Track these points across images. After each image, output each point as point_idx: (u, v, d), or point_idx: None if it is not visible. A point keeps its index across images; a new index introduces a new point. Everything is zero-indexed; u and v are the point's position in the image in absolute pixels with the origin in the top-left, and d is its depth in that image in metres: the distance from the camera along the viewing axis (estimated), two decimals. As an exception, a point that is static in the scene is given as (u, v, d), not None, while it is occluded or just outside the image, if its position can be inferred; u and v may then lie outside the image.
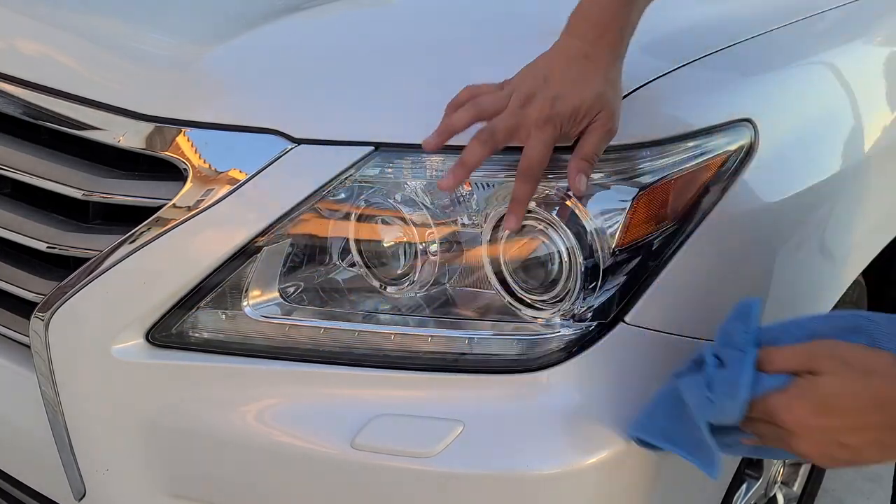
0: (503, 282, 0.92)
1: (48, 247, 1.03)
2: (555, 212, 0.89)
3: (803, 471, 1.66)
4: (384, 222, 0.94)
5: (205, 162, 0.95)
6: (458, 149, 0.86)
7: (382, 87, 0.98)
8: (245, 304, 0.96)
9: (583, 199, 0.90)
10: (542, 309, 0.91)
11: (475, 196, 0.92)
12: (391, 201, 0.93)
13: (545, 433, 0.91)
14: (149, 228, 0.95)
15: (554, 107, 0.84)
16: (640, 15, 0.92)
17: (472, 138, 0.86)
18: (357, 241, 0.94)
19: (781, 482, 1.60)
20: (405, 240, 0.93)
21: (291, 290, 0.97)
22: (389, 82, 0.99)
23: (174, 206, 0.95)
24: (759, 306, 0.80)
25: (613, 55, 0.89)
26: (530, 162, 0.85)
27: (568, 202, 0.89)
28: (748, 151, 0.98)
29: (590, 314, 0.91)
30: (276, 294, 0.97)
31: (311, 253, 0.96)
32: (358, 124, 0.95)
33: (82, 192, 1.01)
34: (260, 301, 0.96)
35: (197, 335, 0.97)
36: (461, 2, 1.22)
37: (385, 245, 0.94)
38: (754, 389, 0.75)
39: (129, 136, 0.99)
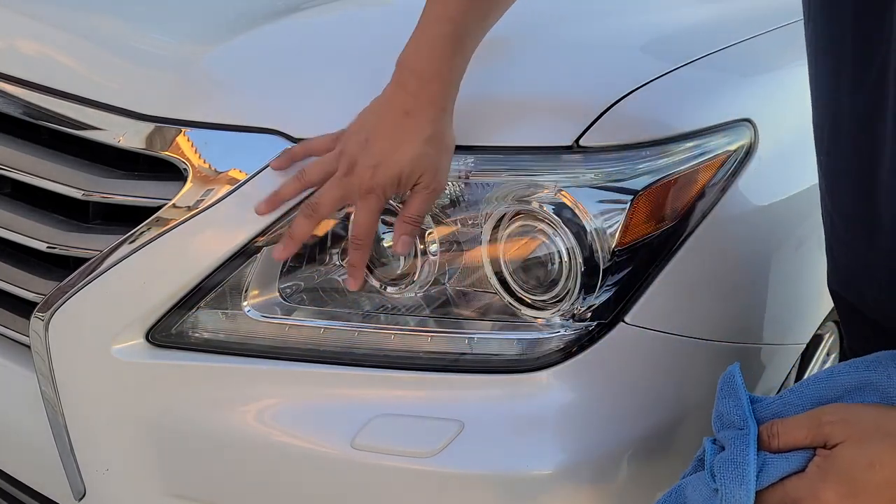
0: (503, 282, 0.92)
1: (48, 247, 1.03)
2: (554, 211, 0.89)
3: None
4: (384, 222, 0.94)
5: (205, 162, 0.95)
6: (458, 148, 0.86)
7: (382, 88, 0.98)
8: (245, 304, 0.96)
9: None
10: (542, 309, 0.91)
11: (475, 196, 0.92)
12: (391, 201, 0.93)
13: (545, 433, 0.91)
14: (149, 228, 0.95)
15: (374, 176, 0.86)
16: (467, 61, 0.90)
17: (298, 212, 0.90)
18: (357, 241, 0.94)
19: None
20: (405, 240, 0.93)
21: (291, 290, 0.97)
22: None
23: (174, 206, 0.95)
24: (740, 373, 0.72)
25: (436, 107, 0.88)
26: (359, 231, 0.89)
27: (567, 202, 0.89)
28: (748, 151, 0.98)
29: (590, 314, 0.91)
30: (276, 294, 0.97)
31: (310, 253, 0.96)
32: (358, 124, 0.95)
33: (82, 192, 1.01)
34: (260, 301, 0.96)
35: (197, 335, 0.97)
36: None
37: (385, 245, 0.94)
38: (765, 474, 0.65)
39: (129, 136, 0.99)
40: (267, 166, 0.93)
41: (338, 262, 0.96)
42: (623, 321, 0.92)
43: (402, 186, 0.88)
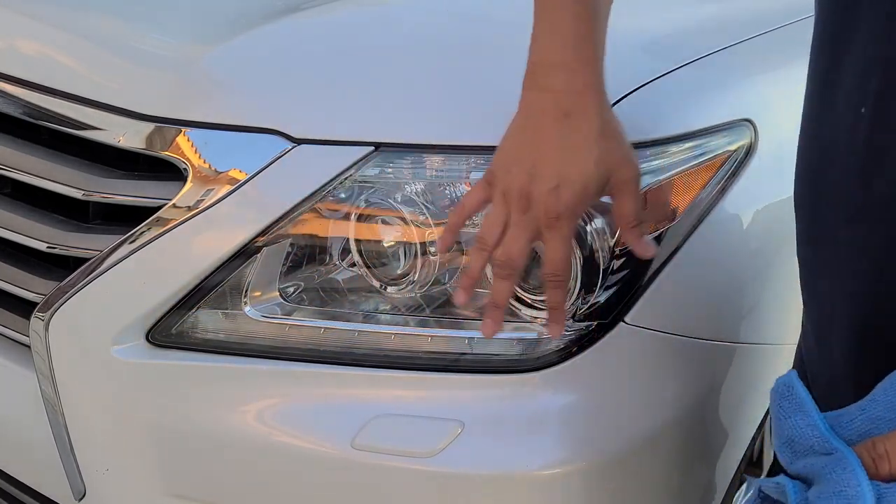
0: (503, 282, 0.91)
1: (48, 247, 1.03)
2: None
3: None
4: (384, 222, 0.94)
5: (205, 162, 0.95)
6: (459, 148, 0.86)
7: (382, 87, 0.98)
8: (245, 304, 0.96)
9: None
10: (542, 309, 0.91)
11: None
12: (391, 201, 0.93)
13: (545, 433, 0.91)
14: (149, 228, 0.95)
15: (560, 199, 0.74)
16: (605, 39, 0.79)
17: (494, 276, 0.80)
18: (357, 241, 0.94)
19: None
20: (405, 240, 0.93)
21: (291, 290, 0.97)
22: (389, 82, 0.99)
23: (174, 206, 0.95)
24: (801, 382, 0.59)
25: (596, 94, 0.77)
26: (556, 266, 0.78)
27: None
28: (748, 151, 0.98)
29: (590, 314, 0.91)
30: (276, 294, 0.96)
31: (311, 253, 0.96)
32: (358, 124, 0.95)
33: (82, 192, 1.01)
34: (260, 301, 0.96)
35: (197, 335, 0.97)
36: (460, 1, 1.22)
37: (385, 245, 0.94)
38: None
39: (129, 136, 0.99)
40: (267, 166, 0.93)
41: (338, 262, 0.96)
42: (623, 321, 0.92)
43: (594, 196, 0.77)
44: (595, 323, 0.91)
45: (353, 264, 0.95)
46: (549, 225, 0.76)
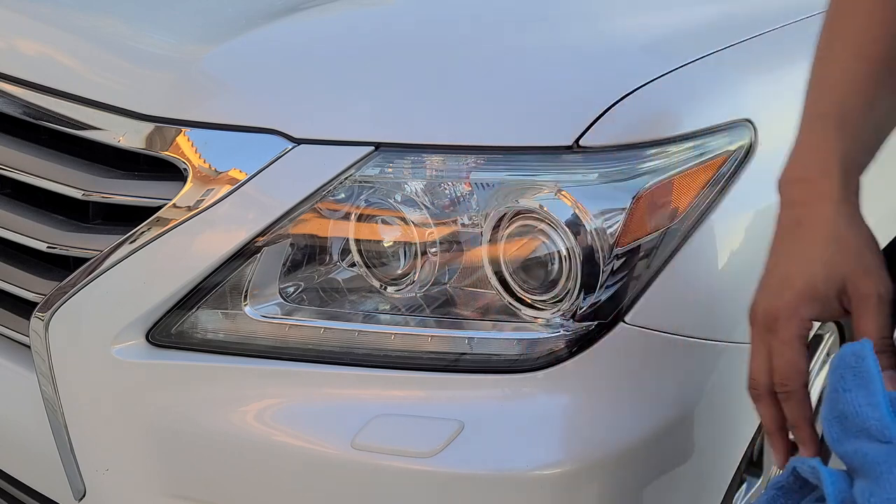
0: (503, 282, 0.92)
1: (48, 247, 1.03)
2: (554, 211, 0.89)
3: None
4: (384, 222, 0.94)
5: (205, 162, 0.95)
6: (459, 148, 0.87)
7: (382, 87, 0.98)
8: (245, 304, 0.96)
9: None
10: (542, 309, 0.91)
11: (475, 196, 0.92)
12: (391, 201, 0.93)
13: (545, 433, 0.91)
14: (149, 228, 0.95)
15: (782, 297, 0.71)
16: (865, 147, 0.74)
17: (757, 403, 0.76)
18: (357, 241, 0.95)
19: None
20: (405, 240, 0.93)
21: (291, 290, 0.97)
22: (389, 82, 0.99)
23: (174, 206, 0.95)
24: (873, 354, 0.51)
25: (830, 202, 0.71)
26: (780, 375, 0.71)
27: (567, 202, 0.89)
28: (748, 151, 0.98)
29: (590, 314, 0.91)
30: (276, 294, 0.97)
31: (311, 253, 0.96)
32: (358, 124, 0.95)
33: (82, 192, 1.01)
34: (260, 301, 0.96)
35: (197, 335, 0.97)
36: (460, 1, 1.22)
37: (385, 245, 0.94)
38: None
39: (129, 136, 0.99)
40: (267, 166, 0.93)
41: (338, 262, 0.96)
42: (623, 321, 0.92)
43: (823, 301, 0.71)
44: (595, 323, 0.91)
45: (353, 264, 0.95)
46: (768, 328, 0.72)
